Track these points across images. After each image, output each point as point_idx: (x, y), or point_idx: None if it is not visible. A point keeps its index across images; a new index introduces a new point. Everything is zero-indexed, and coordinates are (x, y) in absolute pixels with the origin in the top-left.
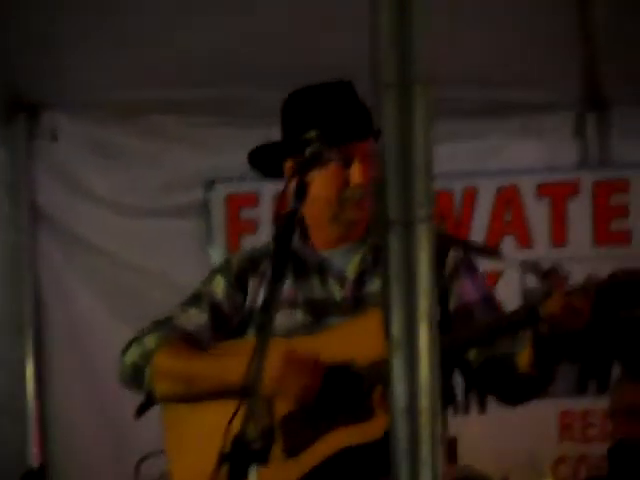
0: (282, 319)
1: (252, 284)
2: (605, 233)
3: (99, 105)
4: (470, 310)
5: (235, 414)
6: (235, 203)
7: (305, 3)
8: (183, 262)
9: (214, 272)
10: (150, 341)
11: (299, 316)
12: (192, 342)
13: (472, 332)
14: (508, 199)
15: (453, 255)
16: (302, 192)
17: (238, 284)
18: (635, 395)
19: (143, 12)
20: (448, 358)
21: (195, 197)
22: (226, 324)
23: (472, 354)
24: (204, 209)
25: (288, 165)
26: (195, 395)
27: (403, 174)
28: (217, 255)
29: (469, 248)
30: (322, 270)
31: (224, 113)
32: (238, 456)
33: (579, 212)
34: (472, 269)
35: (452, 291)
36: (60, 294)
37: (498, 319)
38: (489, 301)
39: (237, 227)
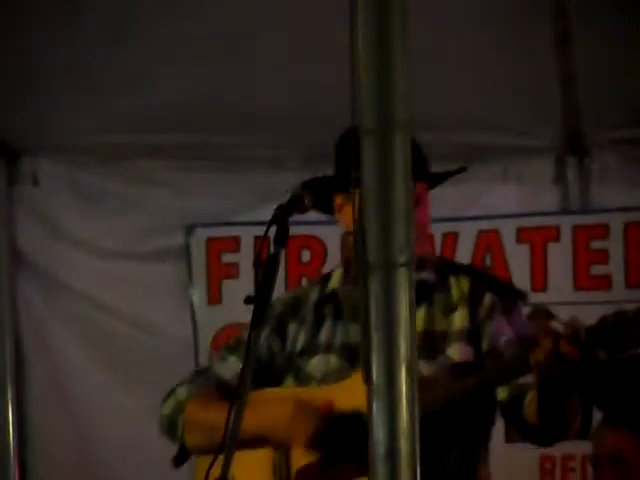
0: (319, 364)
1: (291, 329)
2: (585, 278)
3: (80, 149)
4: (502, 352)
5: (213, 462)
6: (216, 247)
7: (290, 50)
8: (164, 306)
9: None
10: (182, 392)
11: (333, 361)
12: (226, 392)
13: (462, 383)
14: (488, 243)
15: (489, 297)
16: (282, 236)
17: (278, 329)
18: (618, 443)
19: (126, 56)
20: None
21: (176, 241)
22: (264, 372)
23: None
24: (185, 253)
25: (337, 201)
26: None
27: (383, 219)
28: (198, 299)
29: (504, 291)
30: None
31: (206, 158)
32: None
33: (559, 257)
34: (508, 311)
35: (485, 332)
36: (41, 340)
37: (489, 370)
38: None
39: (218, 271)
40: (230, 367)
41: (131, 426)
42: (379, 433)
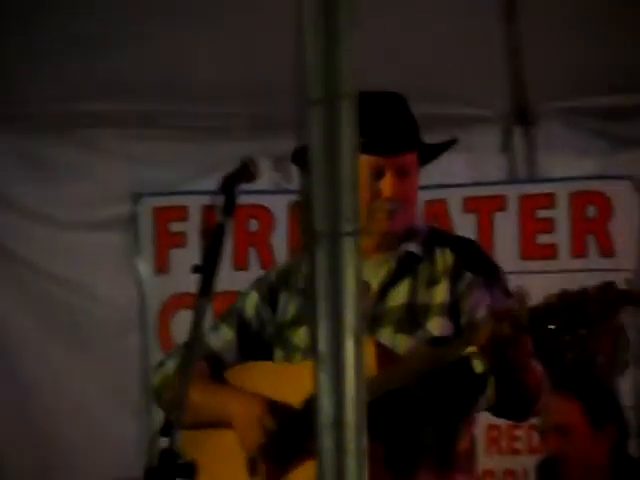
0: (304, 335)
1: (282, 299)
2: (532, 247)
3: (26, 117)
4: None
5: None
6: (163, 216)
7: (238, 21)
8: (112, 276)
9: (251, 286)
10: (170, 365)
11: None
12: (215, 364)
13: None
14: (436, 213)
15: (468, 274)
16: (230, 206)
17: (270, 299)
18: (563, 411)
19: (75, 25)
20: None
21: (124, 210)
22: (254, 342)
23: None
24: (132, 222)
25: None
26: (202, 423)
27: (330, 188)
28: (145, 269)
29: (487, 266)
30: None
31: (154, 127)
32: (165, 470)
33: (506, 226)
34: (489, 287)
35: (464, 307)
36: None
37: (434, 352)
38: None
39: (165, 241)
40: (221, 336)
41: (82, 395)
42: (325, 403)
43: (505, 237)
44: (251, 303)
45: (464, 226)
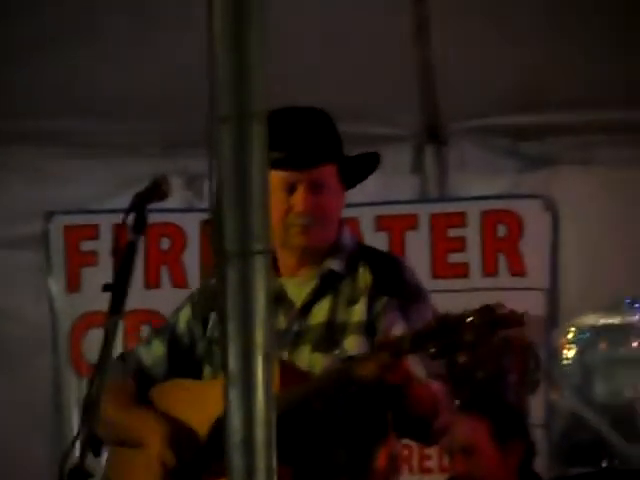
0: None
1: (213, 315)
2: (443, 266)
3: None
4: None
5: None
6: (75, 235)
7: (151, 38)
8: (23, 294)
9: (185, 301)
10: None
11: None
12: (143, 380)
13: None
14: None
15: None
16: (141, 224)
17: (201, 315)
18: (470, 432)
19: None
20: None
21: (35, 229)
22: (184, 358)
23: None
24: (43, 241)
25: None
26: (120, 441)
27: (239, 207)
28: (56, 287)
29: (405, 288)
30: (278, 299)
31: (64, 145)
32: None
33: (418, 245)
34: (405, 308)
35: (379, 327)
36: None
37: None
38: None
39: (77, 259)
40: (152, 351)
41: None
42: (234, 421)
43: (417, 256)
44: (184, 318)
45: (376, 245)
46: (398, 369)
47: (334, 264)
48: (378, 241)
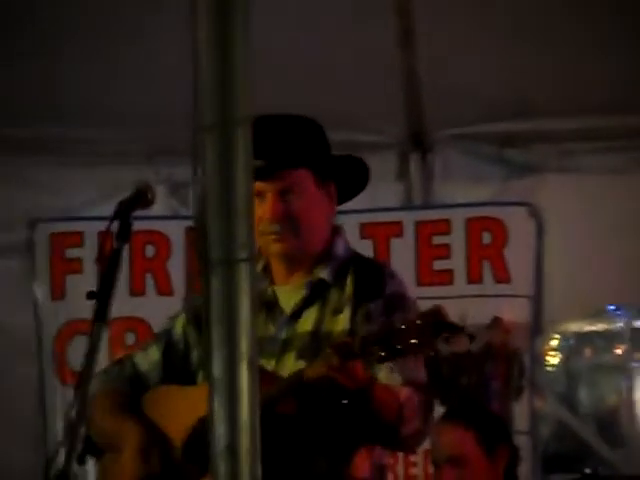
0: None
1: None
2: (428, 273)
3: None
4: None
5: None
6: (59, 242)
7: (133, 46)
8: (8, 302)
9: (182, 308)
10: (93, 385)
11: None
12: (138, 387)
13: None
14: None
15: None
16: (125, 231)
17: (196, 321)
18: (456, 441)
19: None
20: None
21: (20, 236)
22: (179, 364)
23: None
24: (28, 248)
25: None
26: (108, 446)
27: (224, 214)
28: (41, 295)
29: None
30: (269, 306)
31: (48, 152)
32: None
33: (402, 252)
34: (387, 316)
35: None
36: None
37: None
38: None
39: (62, 267)
40: (148, 357)
41: None
42: (219, 428)
43: (401, 263)
44: (180, 325)
45: (361, 252)
46: (352, 372)
47: (324, 273)
48: (363, 248)
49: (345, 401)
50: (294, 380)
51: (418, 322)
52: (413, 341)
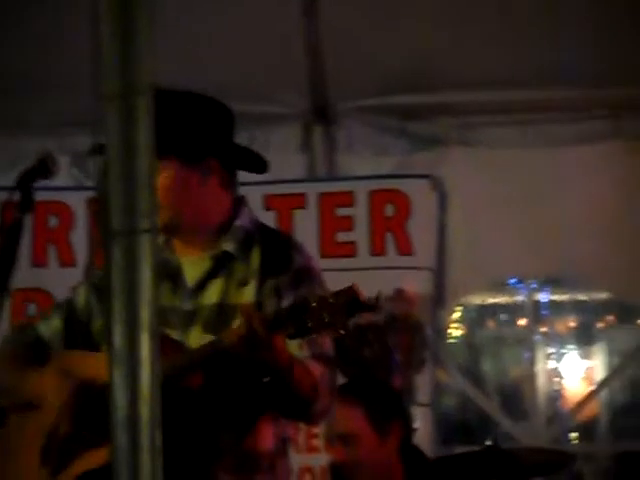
0: None
1: None
2: (331, 245)
3: None
4: None
5: None
6: None
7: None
8: None
9: (84, 277)
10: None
11: None
12: (41, 352)
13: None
14: None
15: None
16: (27, 202)
17: (99, 292)
18: (347, 419)
19: None
20: None
21: None
22: (81, 332)
23: None
24: None
25: None
26: (16, 407)
27: (126, 185)
28: None
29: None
30: (174, 277)
31: None
32: None
33: (306, 224)
34: (294, 289)
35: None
36: None
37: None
38: None
39: None
40: (50, 325)
41: None
42: (119, 398)
43: (305, 235)
44: (82, 294)
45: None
46: (269, 346)
47: (228, 245)
48: (266, 220)
49: (267, 379)
50: (206, 351)
51: (331, 301)
52: (326, 320)
